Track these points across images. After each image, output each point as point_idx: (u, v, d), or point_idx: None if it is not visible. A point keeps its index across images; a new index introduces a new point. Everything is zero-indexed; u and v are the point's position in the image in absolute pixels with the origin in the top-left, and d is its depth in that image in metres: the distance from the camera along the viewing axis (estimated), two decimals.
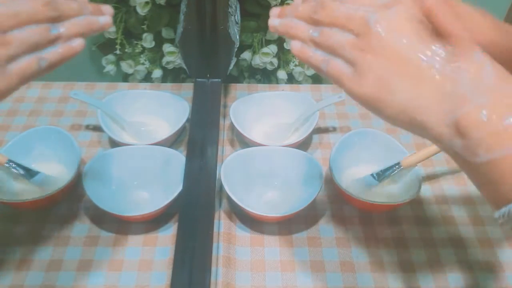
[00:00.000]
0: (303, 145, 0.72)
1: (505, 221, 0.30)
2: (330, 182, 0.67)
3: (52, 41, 0.40)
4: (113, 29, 0.85)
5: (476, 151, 0.30)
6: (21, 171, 0.62)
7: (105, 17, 0.43)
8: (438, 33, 0.33)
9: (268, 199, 0.65)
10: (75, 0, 0.42)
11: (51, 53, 0.40)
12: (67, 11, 0.41)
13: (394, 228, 0.63)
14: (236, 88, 0.84)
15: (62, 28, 0.40)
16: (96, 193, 0.59)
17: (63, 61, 0.41)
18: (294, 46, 0.40)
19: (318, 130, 0.77)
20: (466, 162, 0.31)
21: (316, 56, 0.39)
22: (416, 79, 0.33)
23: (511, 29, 0.40)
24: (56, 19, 0.40)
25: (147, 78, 0.94)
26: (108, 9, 0.44)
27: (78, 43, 0.41)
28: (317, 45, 0.39)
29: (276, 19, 0.42)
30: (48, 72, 0.40)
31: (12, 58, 0.37)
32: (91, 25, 0.42)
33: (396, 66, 0.33)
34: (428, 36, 0.33)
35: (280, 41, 0.89)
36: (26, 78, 0.39)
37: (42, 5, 0.39)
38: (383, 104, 0.34)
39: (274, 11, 0.42)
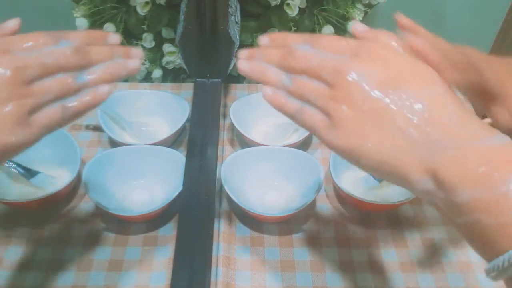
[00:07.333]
0: (303, 145, 0.72)
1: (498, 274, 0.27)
2: (330, 182, 0.67)
3: (78, 90, 0.38)
4: (113, 29, 0.85)
5: (456, 193, 0.28)
6: (21, 171, 0.62)
7: (133, 61, 0.41)
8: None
9: (268, 199, 0.65)
10: (106, 44, 0.41)
11: (76, 101, 0.38)
12: (96, 58, 0.39)
13: (394, 228, 0.63)
14: (236, 88, 0.84)
15: (90, 75, 0.39)
16: (96, 193, 0.59)
17: (88, 110, 0.39)
18: (265, 92, 0.37)
19: None
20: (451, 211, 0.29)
21: (290, 104, 0.36)
22: (391, 130, 0.31)
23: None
24: (84, 67, 0.38)
25: (147, 78, 0.94)
26: (137, 52, 0.42)
27: (103, 91, 0.39)
28: (291, 92, 0.36)
29: (245, 62, 0.38)
30: (72, 121, 0.39)
31: (35, 109, 0.36)
32: (119, 71, 0.40)
33: (371, 117, 0.32)
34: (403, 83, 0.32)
35: None
36: (50, 129, 0.37)
37: (72, 53, 0.37)
38: (361, 155, 0.33)
39: (242, 54, 0.39)
